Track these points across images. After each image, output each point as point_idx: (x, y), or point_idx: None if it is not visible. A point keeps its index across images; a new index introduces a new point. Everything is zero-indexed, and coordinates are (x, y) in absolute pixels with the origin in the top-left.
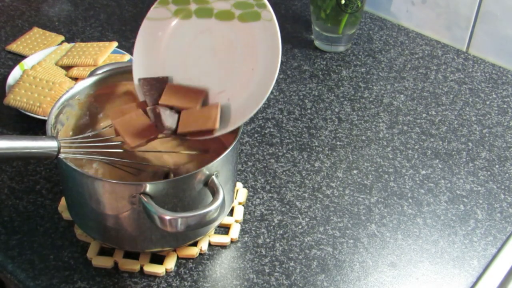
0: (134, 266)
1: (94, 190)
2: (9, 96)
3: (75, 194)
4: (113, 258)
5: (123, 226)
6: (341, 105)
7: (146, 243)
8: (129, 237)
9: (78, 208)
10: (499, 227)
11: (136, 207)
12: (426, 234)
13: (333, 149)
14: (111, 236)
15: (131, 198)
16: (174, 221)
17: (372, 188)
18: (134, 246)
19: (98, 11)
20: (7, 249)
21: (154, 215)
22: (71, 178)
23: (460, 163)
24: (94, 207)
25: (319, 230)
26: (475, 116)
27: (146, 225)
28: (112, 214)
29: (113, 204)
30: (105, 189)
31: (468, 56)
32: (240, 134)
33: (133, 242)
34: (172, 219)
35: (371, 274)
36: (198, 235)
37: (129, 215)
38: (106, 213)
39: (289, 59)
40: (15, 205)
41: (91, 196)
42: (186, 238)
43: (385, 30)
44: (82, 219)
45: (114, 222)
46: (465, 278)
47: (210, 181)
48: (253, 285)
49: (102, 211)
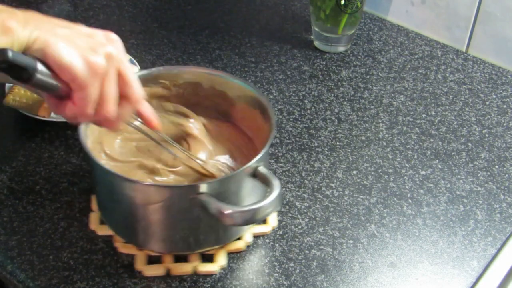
0: (186, 269)
1: (149, 199)
2: (9, 96)
3: (124, 209)
4: (163, 264)
5: (177, 230)
6: (341, 106)
7: (199, 244)
8: (182, 240)
9: (124, 220)
10: (498, 228)
11: (195, 208)
12: (426, 235)
13: (332, 149)
14: (161, 242)
15: (191, 200)
16: (244, 214)
17: (371, 189)
18: (186, 248)
19: (98, 11)
20: (7, 250)
21: (219, 211)
22: (119, 191)
23: (459, 163)
24: (147, 217)
25: (318, 231)
26: (475, 117)
27: (201, 225)
28: (167, 220)
29: (171, 209)
30: (163, 195)
31: (467, 57)
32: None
33: (185, 245)
34: (239, 212)
35: (371, 274)
36: (245, 229)
37: (186, 217)
38: (161, 220)
39: (288, 59)
40: (14, 206)
41: (145, 206)
42: (235, 233)
43: (384, 31)
44: (128, 230)
45: (168, 227)
46: (465, 279)
47: (258, 172)
48: (253, 285)
49: (157, 218)
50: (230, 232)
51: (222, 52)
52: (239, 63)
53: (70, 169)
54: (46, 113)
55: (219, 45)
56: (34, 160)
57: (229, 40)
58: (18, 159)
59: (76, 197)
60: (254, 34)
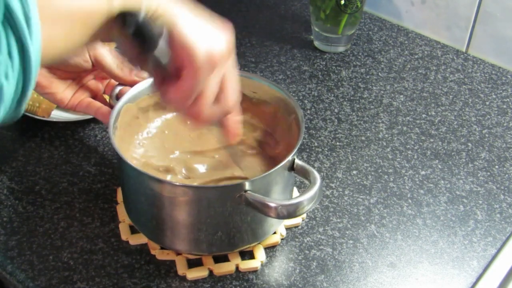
0: (229, 268)
1: (196, 201)
2: None
3: (165, 214)
4: (205, 266)
5: (221, 229)
6: (341, 106)
7: (240, 242)
8: (225, 239)
9: (162, 226)
10: (498, 228)
11: (240, 205)
12: (426, 235)
13: (332, 149)
14: (204, 244)
15: (237, 198)
16: (288, 207)
17: (371, 189)
18: (228, 248)
19: None
20: (7, 250)
21: (267, 207)
22: (158, 196)
23: (459, 163)
24: (191, 220)
25: (318, 231)
26: (475, 117)
27: (243, 223)
28: (213, 221)
29: (216, 209)
30: (210, 195)
31: (467, 57)
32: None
33: (228, 244)
34: (283, 206)
35: (371, 274)
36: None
37: (230, 216)
38: (206, 222)
39: (288, 59)
40: (14, 206)
41: (190, 209)
42: (272, 228)
43: (384, 31)
44: (167, 236)
45: (212, 228)
46: (465, 279)
47: (296, 165)
48: (252, 285)
49: (201, 220)
50: (267, 227)
51: None
52: (239, 63)
53: (70, 169)
54: (46, 113)
55: None
56: (34, 160)
57: None
58: (18, 159)
59: (76, 197)
60: (254, 34)
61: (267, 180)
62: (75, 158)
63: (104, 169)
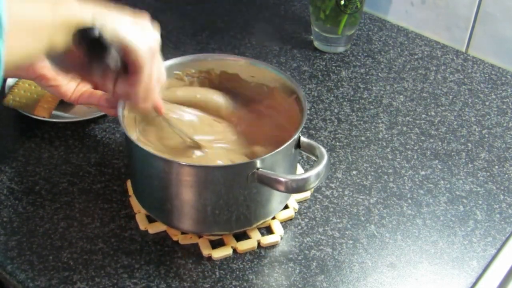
0: (252, 245)
1: (211, 181)
2: (9, 96)
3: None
4: (228, 245)
5: (238, 207)
6: (341, 106)
7: (257, 218)
8: (242, 216)
9: (181, 210)
10: (498, 228)
11: (252, 183)
12: (426, 235)
13: (332, 149)
14: (224, 224)
15: (249, 176)
16: (298, 181)
17: (371, 189)
18: (247, 224)
19: None
20: (7, 250)
21: (279, 182)
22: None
23: (459, 163)
24: (208, 201)
25: (318, 231)
26: (475, 117)
27: (259, 199)
28: (230, 200)
29: (232, 188)
30: (224, 174)
31: (467, 57)
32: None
33: (245, 221)
34: (293, 180)
35: (371, 274)
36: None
37: (245, 193)
38: (223, 201)
39: (288, 59)
40: (14, 206)
41: (206, 189)
42: (284, 202)
43: (384, 31)
44: (188, 219)
45: (230, 206)
46: (465, 279)
47: (302, 142)
48: (252, 285)
49: (218, 200)
50: (276, 204)
51: (222, 52)
52: None
53: (70, 169)
54: (46, 113)
55: (219, 45)
56: (34, 160)
57: (229, 40)
58: (18, 159)
59: (76, 197)
60: (254, 34)
61: (275, 158)
62: (75, 158)
63: (104, 169)
